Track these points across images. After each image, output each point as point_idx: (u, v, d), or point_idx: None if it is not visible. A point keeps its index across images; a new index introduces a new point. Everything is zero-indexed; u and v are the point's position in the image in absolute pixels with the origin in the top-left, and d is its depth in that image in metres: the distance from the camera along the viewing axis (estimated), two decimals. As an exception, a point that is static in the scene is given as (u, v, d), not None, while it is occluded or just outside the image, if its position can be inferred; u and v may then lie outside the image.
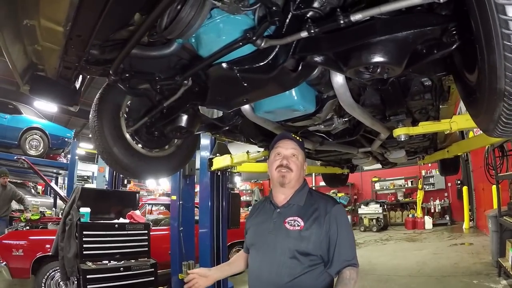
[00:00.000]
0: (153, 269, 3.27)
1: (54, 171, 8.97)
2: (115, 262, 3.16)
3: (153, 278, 3.24)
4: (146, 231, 3.54)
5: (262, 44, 1.10)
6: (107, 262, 3.15)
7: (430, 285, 4.73)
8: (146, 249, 3.50)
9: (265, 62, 1.20)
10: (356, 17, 0.91)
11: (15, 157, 5.56)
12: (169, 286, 4.28)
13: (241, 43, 1.14)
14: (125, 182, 10.19)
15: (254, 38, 1.09)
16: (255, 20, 1.19)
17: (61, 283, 4.06)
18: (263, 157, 3.28)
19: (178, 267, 4.14)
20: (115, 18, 1.12)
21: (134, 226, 3.46)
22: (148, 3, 1.07)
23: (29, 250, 3.98)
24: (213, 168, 3.76)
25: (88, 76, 1.84)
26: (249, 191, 16.93)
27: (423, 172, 11.91)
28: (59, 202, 9.49)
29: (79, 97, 1.82)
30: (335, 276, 1.30)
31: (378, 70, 1.06)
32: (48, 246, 3.99)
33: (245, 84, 1.29)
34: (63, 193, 5.85)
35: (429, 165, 10.95)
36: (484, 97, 0.84)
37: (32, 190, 9.73)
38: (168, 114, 1.78)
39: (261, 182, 17.45)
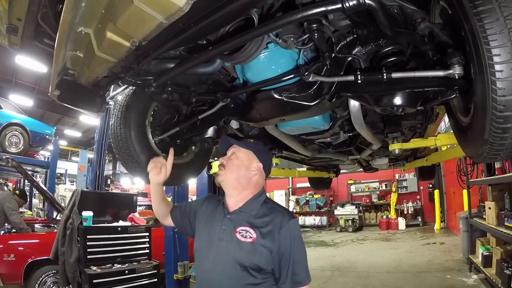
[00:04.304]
0: (156, 271, 3.33)
1: (30, 168, 8.48)
2: (119, 265, 3.18)
3: (156, 280, 3.30)
4: (147, 233, 3.57)
5: (310, 79, 1.29)
6: (110, 265, 3.15)
7: (407, 280, 5.02)
8: (148, 251, 3.54)
9: (308, 92, 1.39)
10: (396, 75, 1.16)
11: (3, 157, 5.25)
12: (163, 287, 4.33)
13: (293, 75, 1.33)
14: (108, 182, 9.86)
15: (306, 73, 1.28)
16: (299, 54, 1.39)
17: (53, 288, 3.98)
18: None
19: (173, 267, 4.21)
20: (186, 40, 1.14)
21: (136, 228, 3.49)
22: (218, 33, 1.19)
23: (21, 255, 3.82)
24: (212, 171, 3.87)
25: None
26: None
27: (396, 176, 12.38)
28: (34, 201, 9.06)
29: (106, 104, 1.83)
30: None
31: (400, 109, 1.32)
32: (40, 250, 3.86)
33: (289, 108, 1.47)
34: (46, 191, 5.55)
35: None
36: (473, 141, 1.17)
37: (5, 188, 9.16)
38: (201, 126, 1.89)
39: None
